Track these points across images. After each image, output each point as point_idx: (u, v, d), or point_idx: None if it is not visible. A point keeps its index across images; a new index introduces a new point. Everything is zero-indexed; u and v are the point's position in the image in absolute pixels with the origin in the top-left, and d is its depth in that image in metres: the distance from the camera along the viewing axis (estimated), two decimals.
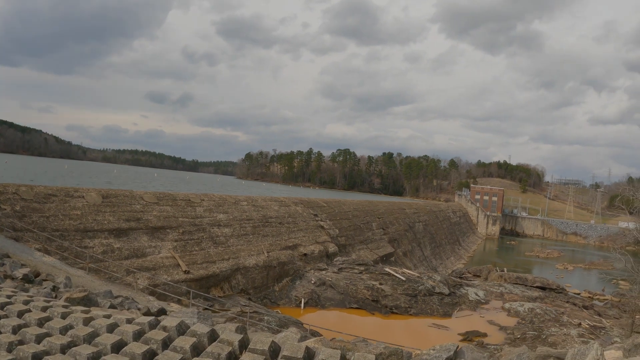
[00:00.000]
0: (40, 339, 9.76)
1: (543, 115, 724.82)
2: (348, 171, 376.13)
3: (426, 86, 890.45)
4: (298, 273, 49.47)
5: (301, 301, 44.91)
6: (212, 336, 10.28)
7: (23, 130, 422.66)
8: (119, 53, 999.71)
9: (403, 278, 52.71)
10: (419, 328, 43.99)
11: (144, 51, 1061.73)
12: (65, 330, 10.41)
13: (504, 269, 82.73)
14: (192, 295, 31.35)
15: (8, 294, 10.17)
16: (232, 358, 9.58)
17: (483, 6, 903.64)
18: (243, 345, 9.93)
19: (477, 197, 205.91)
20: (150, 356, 9.58)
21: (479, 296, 55.51)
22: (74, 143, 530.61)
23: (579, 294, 75.29)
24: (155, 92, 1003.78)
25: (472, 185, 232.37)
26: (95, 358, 9.31)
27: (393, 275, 53.32)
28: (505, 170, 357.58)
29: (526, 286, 65.93)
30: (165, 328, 10.42)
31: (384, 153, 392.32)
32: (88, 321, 10.71)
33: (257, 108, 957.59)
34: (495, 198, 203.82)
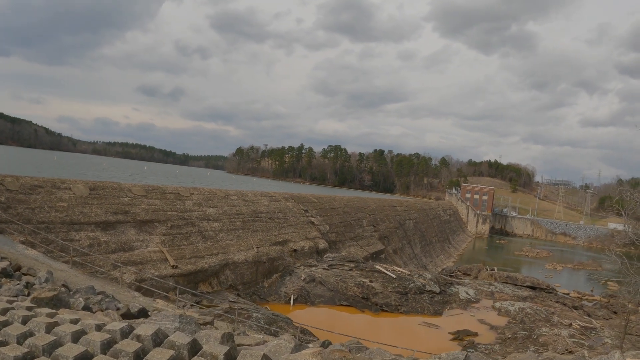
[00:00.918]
0: None
1: (534, 115, 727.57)
2: (339, 167, 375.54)
3: (419, 84, 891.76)
4: (288, 269, 48.97)
5: (290, 298, 44.44)
6: (194, 347, 9.26)
7: (13, 121, 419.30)
8: (111, 45, 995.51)
9: (394, 276, 52.31)
10: (410, 326, 43.62)
11: (137, 43, 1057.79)
12: (23, 338, 9.15)
13: (494, 268, 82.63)
14: (179, 291, 30.79)
15: None
16: None
17: (477, 6, 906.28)
18: (230, 358, 9.05)
19: (468, 196, 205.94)
20: None
21: (470, 295, 55.21)
22: (65, 135, 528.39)
23: (568, 294, 75.17)
24: (147, 85, 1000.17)
25: (463, 183, 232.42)
26: None
27: (384, 272, 52.91)
28: (495, 169, 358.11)
29: (516, 285, 65.73)
30: (139, 337, 9.34)
31: (375, 150, 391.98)
32: (52, 327, 9.48)
33: (249, 103, 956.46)
34: (485, 197, 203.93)
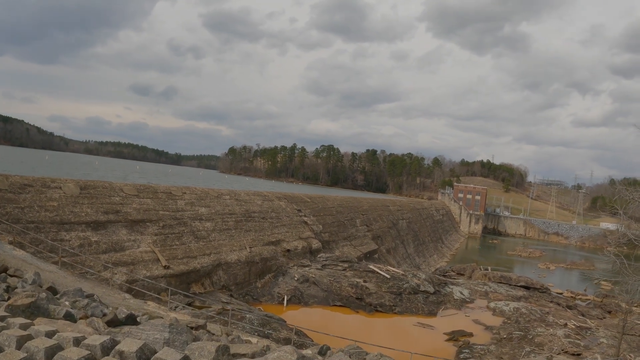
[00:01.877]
0: None
1: (527, 116, 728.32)
2: (331, 167, 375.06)
3: (411, 84, 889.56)
4: (281, 269, 48.54)
5: (284, 298, 44.01)
6: None
7: (5, 120, 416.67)
8: (104, 43, 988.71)
9: (387, 276, 51.98)
10: (404, 327, 43.31)
11: (130, 42, 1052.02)
12: None
13: (488, 268, 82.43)
14: (171, 292, 30.32)
15: None
16: None
17: (471, 6, 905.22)
18: None
19: (460, 196, 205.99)
20: None
21: (464, 295, 54.95)
22: (56, 134, 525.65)
23: (562, 294, 75.11)
24: (139, 84, 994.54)
25: (456, 183, 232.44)
26: None
27: (377, 272, 52.58)
28: (488, 169, 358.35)
29: (510, 285, 65.62)
30: (122, 355, 8.33)
31: (368, 150, 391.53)
32: (24, 341, 8.42)
33: (242, 102, 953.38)
34: (478, 197, 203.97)
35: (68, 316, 10.37)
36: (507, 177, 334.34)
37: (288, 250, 52.77)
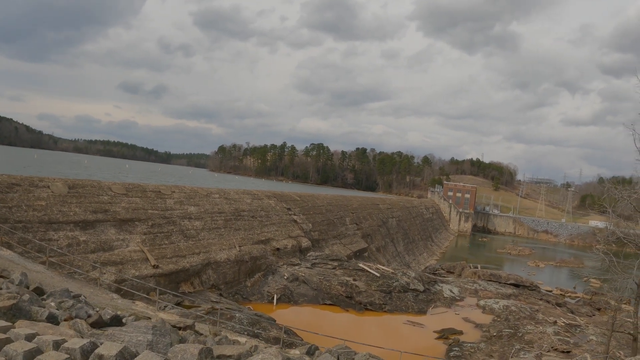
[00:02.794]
0: None
1: (517, 115, 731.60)
2: (321, 166, 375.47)
3: (402, 83, 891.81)
4: (270, 268, 48.41)
5: (274, 297, 43.90)
6: None
7: None
8: (94, 41, 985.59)
9: (377, 274, 51.95)
10: (394, 325, 43.29)
11: (119, 40, 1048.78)
12: None
13: (478, 266, 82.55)
14: (160, 291, 30.14)
15: None
16: None
17: (461, 5, 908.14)
18: None
19: (450, 194, 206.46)
20: None
21: (454, 293, 55.00)
22: (45, 132, 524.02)
23: (552, 292, 75.39)
24: (129, 82, 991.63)
25: (445, 182, 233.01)
26: None
27: (367, 271, 52.54)
28: (478, 168, 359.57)
29: (500, 283, 65.73)
30: (101, 358, 8.15)
31: (358, 148, 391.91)
32: (3, 344, 8.23)
33: (232, 101, 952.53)
34: (467, 195, 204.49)
35: (51, 318, 10.15)
36: (497, 176, 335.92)
37: (278, 249, 52.64)
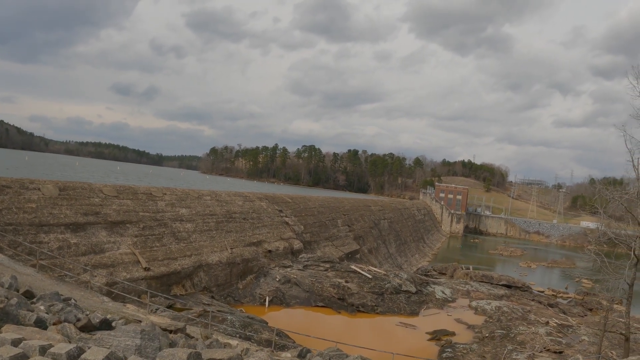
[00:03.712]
0: None
1: (509, 116, 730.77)
2: (313, 167, 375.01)
3: (394, 85, 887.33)
4: (262, 270, 48.32)
5: (266, 299, 43.80)
6: None
7: None
8: (86, 42, 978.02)
9: (369, 276, 51.92)
10: (386, 327, 43.26)
11: (111, 41, 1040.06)
12: None
13: (470, 267, 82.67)
14: (152, 294, 29.98)
15: None
16: None
17: (453, 7, 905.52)
18: None
19: (442, 196, 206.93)
20: None
21: (446, 294, 55.01)
22: (37, 134, 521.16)
23: (543, 292, 75.55)
24: (121, 84, 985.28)
25: (437, 183, 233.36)
26: None
27: (359, 273, 52.50)
28: (469, 169, 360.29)
29: (492, 284, 65.84)
30: None
31: (350, 150, 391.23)
32: None
33: (224, 102, 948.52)
34: (459, 196, 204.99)
35: (39, 322, 9.98)
36: (488, 177, 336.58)
37: (269, 251, 52.56)
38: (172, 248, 40.37)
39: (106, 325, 11.92)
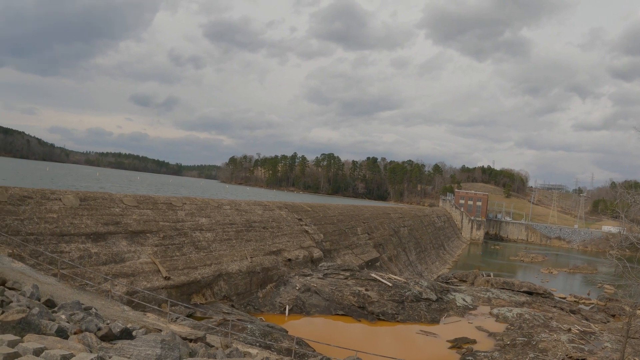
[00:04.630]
0: None
1: (528, 121, 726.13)
2: (332, 176, 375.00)
3: (412, 91, 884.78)
4: (282, 279, 48.37)
5: (286, 308, 43.81)
6: None
7: (5, 131, 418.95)
8: (105, 54, 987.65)
9: (389, 284, 51.76)
10: (407, 335, 43.09)
11: (130, 53, 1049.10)
12: None
13: (490, 274, 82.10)
14: (172, 303, 30.11)
15: None
16: None
17: (470, 12, 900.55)
18: None
19: (462, 202, 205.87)
20: None
21: (467, 302, 54.69)
22: (57, 145, 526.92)
23: (565, 299, 74.87)
24: (140, 95, 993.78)
25: (457, 190, 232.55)
26: None
27: (379, 280, 52.36)
28: (489, 175, 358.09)
29: (513, 291, 65.28)
30: None
31: (369, 158, 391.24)
32: (11, 359, 7.93)
33: (243, 112, 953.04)
34: (479, 203, 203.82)
35: (60, 332, 10.04)
36: (508, 183, 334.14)
37: (289, 259, 52.60)
38: (192, 257, 40.54)
39: (127, 334, 11.99)
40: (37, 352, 8.31)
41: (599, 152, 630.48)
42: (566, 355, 38.46)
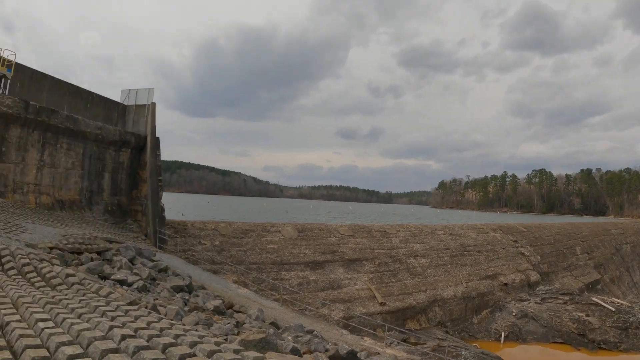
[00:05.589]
0: None
1: None
2: (545, 192, 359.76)
3: (621, 91, 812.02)
4: (498, 304, 47.90)
5: (501, 335, 43.29)
6: None
7: (223, 173, 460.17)
8: (307, 95, 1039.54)
9: (612, 308, 49.24)
10: None
11: (330, 91, 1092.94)
12: None
13: None
14: (387, 328, 31.29)
15: (178, 332, 8.07)
16: None
17: None
18: None
19: None
20: None
21: None
22: (271, 182, 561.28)
23: None
24: (345, 129, 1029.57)
25: None
26: None
27: (601, 305, 50.00)
28: None
29: None
30: None
31: (582, 170, 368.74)
32: None
33: (447, 134, 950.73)
34: None
35: (294, 351, 11.32)
36: None
37: (505, 284, 51.92)
38: (407, 283, 41.60)
39: (352, 356, 13.03)
40: None
41: None
42: None
